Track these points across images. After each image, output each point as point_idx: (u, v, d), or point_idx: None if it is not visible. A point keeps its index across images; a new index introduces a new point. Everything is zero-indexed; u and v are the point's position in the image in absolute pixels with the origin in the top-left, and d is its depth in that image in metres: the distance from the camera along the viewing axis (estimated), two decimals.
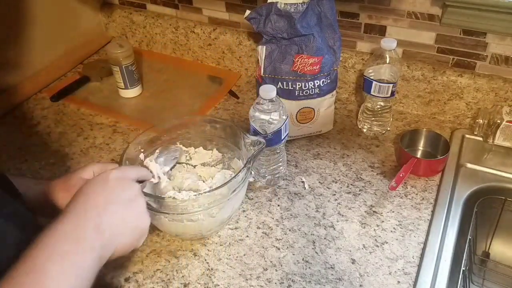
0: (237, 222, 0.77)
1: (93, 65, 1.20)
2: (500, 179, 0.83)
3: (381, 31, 0.96)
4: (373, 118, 0.93)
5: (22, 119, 1.03)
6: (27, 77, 1.10)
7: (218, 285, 0.67)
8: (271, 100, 0.74)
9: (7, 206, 0.49)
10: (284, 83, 0.86)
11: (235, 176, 0.65)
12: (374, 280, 0.67)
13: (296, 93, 0.87)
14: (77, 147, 0.94)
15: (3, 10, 0.99)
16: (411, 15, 0.91)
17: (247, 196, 0.81)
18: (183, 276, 0.69)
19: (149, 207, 0.65)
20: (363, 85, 0.90)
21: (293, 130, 0.91)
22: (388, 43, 0.84)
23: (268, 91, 0.73)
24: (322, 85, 0.87)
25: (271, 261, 0.70)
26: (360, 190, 0.82)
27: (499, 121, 0.85)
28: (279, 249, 0.72)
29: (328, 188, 0.82)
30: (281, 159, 0.82)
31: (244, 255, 0.72)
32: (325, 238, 0.74)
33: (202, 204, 0.64)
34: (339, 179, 0.84)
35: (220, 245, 0.73)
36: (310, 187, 0.83)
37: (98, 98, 1.10)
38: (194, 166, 0.81)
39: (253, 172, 0.82)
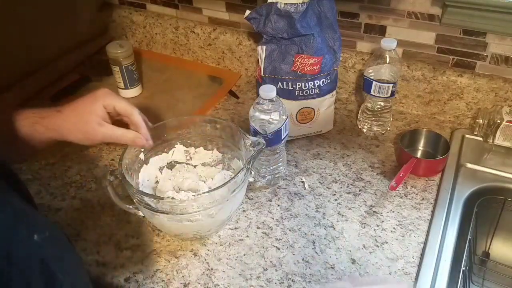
0: (237, 222, 0.77)
1: (93, 65, 1.20)
2: (500, 179, 0.83)
3: (381, 31, 0.96)
4: (373, 118, 0.93)
5: None
6: (27, 77, 1.10)
7: (218, 285, 0.67)
8: (271, 100, 0.74)
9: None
10: (284, 83, 0.86)
11: (234, 177, 0.65)
12: None
13: (296, 93, 0.87)
14: (77, 147, 0.94)
15: (2, 11, 0.99)
16: (411, 15, 0.91)
17: (247, 196, 0.81)
18: (183, 276, 0.69)
19: (149, 207, 0.65)
20: (363, 85, 0.90)
21: (293, 130, 0.91)
22: (388, 43, 0.84)
23: (268, 91, 0.73)
24: (322, 85, 0.87)
25: (271, 261, 0.70)
26: (360, 190, 0.82)
27: (499, 121, 0.85)
28: (279, 249, 0.72)
29: (328, 188, 0.82)
30: (281, 159, 0.82)
31: (244, 255, 0.72)
32: (325, 238, 0.74)
33: (201, 204, 0.64)
34: (339, 179, 0.84)
35: (220, 245, 0.73)
36: (310, 187, 0.83)
37: None
38: (195, 166, 0.81)
39: (253, 172, 0.82)
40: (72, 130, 0.63)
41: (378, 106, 0.91)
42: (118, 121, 0.69)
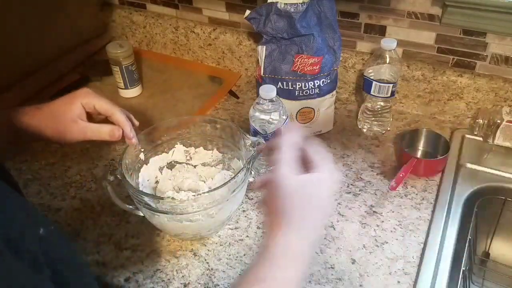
0: (237, 222, 0.77)
1: (93, 65, 1.20)
2: (500, 179, 0.83)
3: (381, 31, 0.96)
4: (373, 118, 0.93)
5: None
6: (27, 77, 1.10)
7: (218, 285, 0.67)
8: (271, 100, 0.74)
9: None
10: (284, 83, 0.86)
11: (234, 177, 0.65)
12: (374, 280, 0.67)
13: (296, 93, 0.87)
14: (77, 147, 0.94)
15: (2, 11, 0.99)
16: (411, 15, 0.91)
17: (247, 196, 0.81)
18: (183, 276, 0.69)
19: (149, 207, 0.65)
20: (363, 85, 0.90)
21: None
22: (388, 43, 0.84)
23: (268, 91, 0.73)
24: (322, 85, 0.87)
25: None
26: (360, 190, 0.82)
27: (499, 121, 0.85)
28: None
29: None
30: None
31: (244, 255, 0.72)
32: (325, 238, 0.74)
33: (201, 204, 0.64)
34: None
35: (220, 245, 0.73)
36: None
37: None
38: (195, 166, 0.81)
39: (253, 172, 0.82)
40: (49, 127, 0.63)
41: (378, 106, 0.91)
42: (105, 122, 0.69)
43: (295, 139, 0.49)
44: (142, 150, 0.76)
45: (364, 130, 0.95)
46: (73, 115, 0.64)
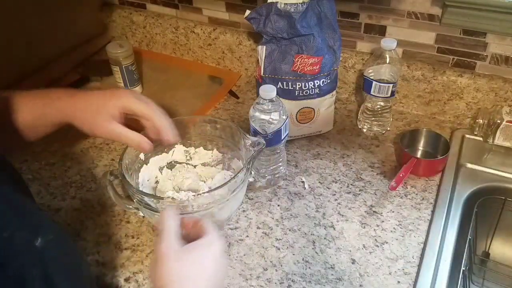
0: (237, 222, 0.77)
1: (93, 65, 1.20)
2: (500, 179, 0.83)
3: (381, 31, 0.96)
4: (373, 118, 0.93)
5: None
6: (27, 77, 1.10)
7: None
8: (271, 100, 0.74)
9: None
10: (284, 83, 0.86)
11: (234, 177, 0.65)
12: (374, 280, 0.67)
13: (296, 93, 0.87)
14: (77, 147, 0.94)
15: (2, 11, 0.99)
16: (411, 15, 0.91)
17: (247, 196, 0.81)
18: None
19: (149, 207, 0.65)
20: (363, 85, 0.90)
21: (293, 130, 0.91)
22: (388, 43, 0.84)
23: (268, 91, 0.73)
24: (322, 85, 0.87)
25: (271, 261, 0.70)
26: (360, 190, 0.82)
27: (499, 121, 0.85)
28: (279, 249, 0.72)
29: (328, 188, 0.82)
30: (281, 159, 0.82)
31: (244, 255, 0.72)
32: (325, 238, 0.74)
33: (201, 204, 0.64)
34: (339, 179, 0.84)
35: None
36: (310, 187, 0.83)
37: None
38: (195, 166, 0.81)
39: (253, 172, 0.82)
40: (80, 118, 0.63)
41: (378, 106, 0.91)
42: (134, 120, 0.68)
43: (174, 215, 0.54)
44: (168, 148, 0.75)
45: (364, 130, 0.95)
46: (106, 114, 0.62)
